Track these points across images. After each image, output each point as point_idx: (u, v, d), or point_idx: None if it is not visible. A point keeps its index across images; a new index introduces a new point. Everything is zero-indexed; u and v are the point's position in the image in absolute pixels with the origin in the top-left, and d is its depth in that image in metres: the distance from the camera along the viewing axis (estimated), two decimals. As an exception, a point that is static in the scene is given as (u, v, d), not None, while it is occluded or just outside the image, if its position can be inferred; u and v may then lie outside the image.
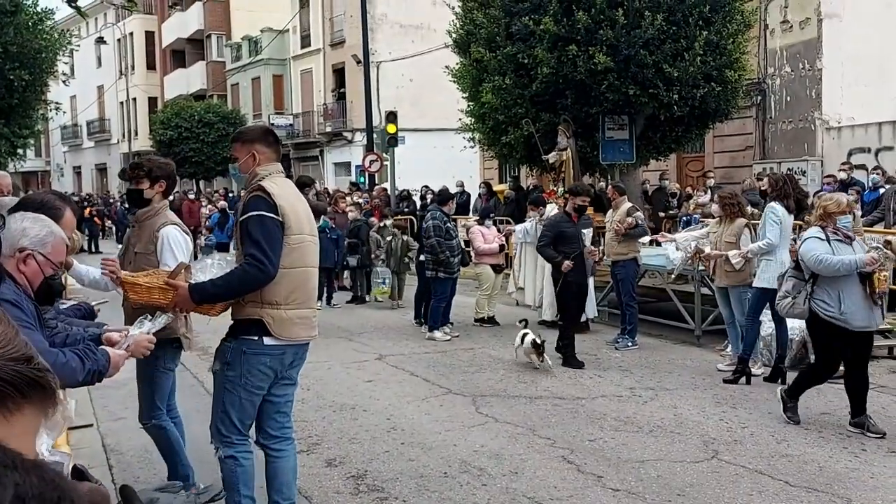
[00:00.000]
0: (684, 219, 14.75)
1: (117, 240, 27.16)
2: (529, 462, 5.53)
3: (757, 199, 12.52)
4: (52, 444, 2.47)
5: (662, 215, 15.82)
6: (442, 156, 26.39)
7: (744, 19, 14.15)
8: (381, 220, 14.46)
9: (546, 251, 8.97)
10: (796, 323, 7.94)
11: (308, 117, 34.57)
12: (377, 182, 22.32)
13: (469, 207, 19.91)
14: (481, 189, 20.20)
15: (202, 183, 36.39)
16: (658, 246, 10.38)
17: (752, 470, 5.37)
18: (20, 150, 24.62)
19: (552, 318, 10.45)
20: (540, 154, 13.66)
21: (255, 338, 3.81)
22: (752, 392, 7.44)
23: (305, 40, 34.97)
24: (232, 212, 17.49)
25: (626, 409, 6.87)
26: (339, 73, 32.83)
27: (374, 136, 22.51)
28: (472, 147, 19.41)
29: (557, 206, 10.76)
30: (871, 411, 6.25)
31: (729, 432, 6.23)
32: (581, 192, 9.23)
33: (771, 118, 18.16)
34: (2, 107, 22.13)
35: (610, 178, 14.94)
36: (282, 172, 4.02)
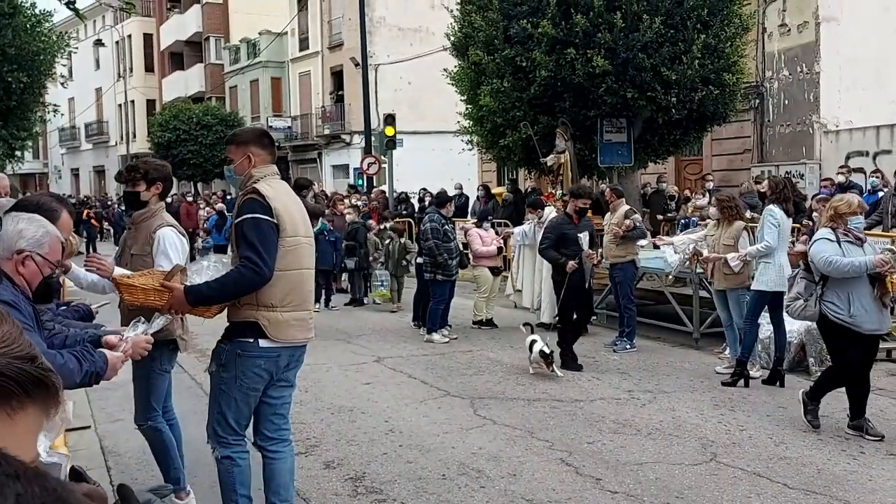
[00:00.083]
0: (682, 221, 14.77)
1: (115, 242, 27.11)
2: (528, 464, 5.53)
3: (755, 202, 12.55)
4: (49, 446, 2.46)
5: (660, 218, 15.80)
6: (440, 158, 26.38)
7: (742, 23, 14.17)
8: (380, 223, 14.45)
9: (549, 253, 8.97)
10: (794, 325, 7.94)
11: (306, 120, 34.56)
12: (375, 184, 22.30)
13: (467, 210, 19.91)
14: (479, 191, 20.16)
15: (200, 185, 36.36)
16: (656, 248, 10.38)
17: (751, 472, 5.36)
18: (18, 153, 24.57)
19: (550, 320, 10.45)
20: (538, 157, 13.68)
21: (251, 340, 3.82)
22: (751, 395, 7.44)
23: (304, 43, 34.97)
24: (230, 214, 17.46)
25: (624, 412, 6.86)
26: (337, 75, 32.83)
27: (373, 138, 22.48)
28: (470, 150, 19.43)
29: (555, 209, 10.76)
30: (870, 414, 6.25)
31: (727, 435, 6.23)
32: (583, 194, 9.24)
33: (769, 121, 18.17)
34: (0, 109, 22.13)
35: (608, 180, 14.94)
36: (277, 174, 4.02)
